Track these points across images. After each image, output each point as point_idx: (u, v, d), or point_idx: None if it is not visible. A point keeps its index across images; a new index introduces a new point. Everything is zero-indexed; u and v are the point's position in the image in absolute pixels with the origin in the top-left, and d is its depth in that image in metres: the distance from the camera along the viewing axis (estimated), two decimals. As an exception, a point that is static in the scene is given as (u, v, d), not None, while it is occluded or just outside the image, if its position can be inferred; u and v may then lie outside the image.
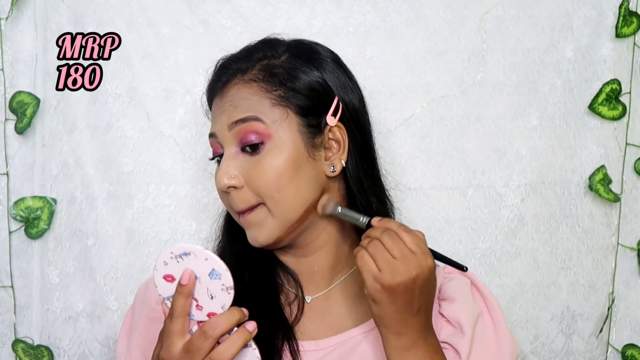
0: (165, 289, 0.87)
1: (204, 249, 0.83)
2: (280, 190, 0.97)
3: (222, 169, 0.99)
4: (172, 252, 0.84)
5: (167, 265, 0.85)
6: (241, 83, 1.01)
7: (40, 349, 1.35)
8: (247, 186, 0.98)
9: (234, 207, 1.00)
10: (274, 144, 0.97)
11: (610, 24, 1.37)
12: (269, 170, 0.96)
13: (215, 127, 1.02)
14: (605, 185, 1.37)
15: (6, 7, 1.34)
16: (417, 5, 1.37)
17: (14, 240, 1.36)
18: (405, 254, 0.86)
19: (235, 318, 0.85)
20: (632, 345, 1.39)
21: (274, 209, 0.97)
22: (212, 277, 0.84)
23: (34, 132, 1.36)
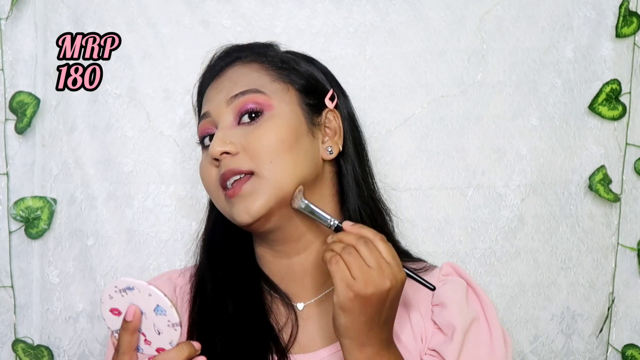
0: (113, 322, 0.85)
1: (148, 284, 0.81)
2: (280, 156, 0.95)
3: (217, 136, 0.96)
4: (116, 286, 0.82)
5: (112, 299, 0.83)
6: (240, 64, 1.02)
7: (40, 349, 1.35)
8: (244, 151, 0.95)
9: (224, 172, 0.96)
10: (275, 112, 0.97)
11: (610, 24, 1.37)
12: (270, 133, 0.95)
13: (210, 106, 1.01)
14: (605, 185, 1.37)
15: (6, 7, 1.34)
16: (417, 5, 1.37)
17: (14, 240, 1.36)
18: (381, 264, 0.84)
19: (184, 354, 0.83)
20: (632, 345, 1.39)
21: (271, 176, 0.95)
22: (158, 313, 0.82)
23: (34, 132, 1.36)
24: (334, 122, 1.03)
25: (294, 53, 1.08)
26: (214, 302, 1.00)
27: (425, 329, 0.99)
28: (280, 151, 0.95)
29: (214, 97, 1.01)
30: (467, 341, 0.97)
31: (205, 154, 1.02)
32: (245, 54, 1.04)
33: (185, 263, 1.32)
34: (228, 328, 0.96)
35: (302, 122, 0.99)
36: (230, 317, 0.97)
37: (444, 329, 0.98)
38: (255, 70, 1.01)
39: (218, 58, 1.07)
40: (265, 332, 0.97)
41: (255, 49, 1.06)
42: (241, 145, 0.96)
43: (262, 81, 1.00)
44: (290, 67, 1.03)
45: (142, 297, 0.82)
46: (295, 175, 0.96)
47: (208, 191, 1.02)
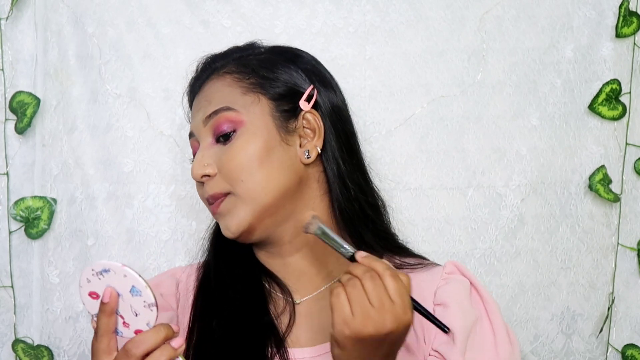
0: (92, 306, 0.85)
1: (122, 266, 0.81)
2: (251, 173, 0.96)
3: (196, 159, 1.00)
4: (92, 269, 0.83)
5: (90, 282, 0.84)
6: (215, 78, 1.03)
7: (40, 349, 1.35)
8: (220, 173, 0.98)
9: (205, 196, 1.00)
10: (245, 129, 0.98)
11: (610, 24, 1.37)
12: (239, 153, 0.97)
13: (193, 126, 1.03)
14: (605, 185, 1.37)
15: (6, 7, 1.34)
16: (417, 5, 1.37)
17: (14, 240, 1.36)
18: (384, 303, 0.79)
19: (161, 335, 0.82)
20: (632, 345, 1.39)
21: (244, 194, 0.96)
22: (133, 294, 0.82)
23: (34, 132, 1.36)
24: (313, 123, 1.01)
25: (275, 51, 1.07)
26: (216, 288, 1.02)
27: (427, 329, 0.99)
28: (251, 168, 0.97)
29: (195, 116, 1.03)
30: (470, 342, 0.96)
31: None
32: (221, 63, 1.05)
33: (185, 263, 1.33)
34: (227, 313, 0.97)
35: (274, 132, 0.99)
36: (230, 301, 0.98)
37: None
38: (227, 85, 1.01)
39: (195, 77, 1.08)
40: (264, 317, 0.98)
41: (232, 56, 1.06)
42: (217, 166, 0.99)
43: (233, 96, 1.00)
44: (261, 75, 1.02)
45: (118, 278, 0.82)
46: (271, 187, 0.97)
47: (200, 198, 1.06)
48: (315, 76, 1.05)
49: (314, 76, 1.05)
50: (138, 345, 0.81)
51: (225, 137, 0.98)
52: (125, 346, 0.81)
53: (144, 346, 0.81)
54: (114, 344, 0.84)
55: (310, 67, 1.05)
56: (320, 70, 1.07)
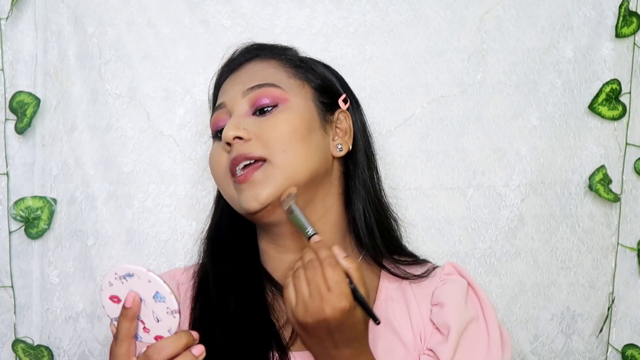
0: (113, 309, 0.85)
1: (147, 271, 0.81)
2: (292, 145, 0.96)
3: (231, 122, 0.97)
4: (116, 273, 0.82)
5: (112, 286, 0.83)
6: (259, 60, 1.04)
7: (40, 349, 1.35)
8: (257, 139, 0.96)
9: (235, 157, 0.96)
10: (289, 105, 0.99)
11: (610, 24, 1.37)
12: (283, 124, 0.97)
13: (226, 97, 1.02)
14: (605, 185, 1.37)
15: (6, 7, 1.34)
16: (417, 5, 1.37)
17: (14, 240, 1.36)
18: (321, 292, 0.83)
19: (182, 342, 0.82)
20: (632, 345, 1.39)
21: (283, 164, 0.95)
22: (157, 299, 0.82)
23: (34, 132, 1.36)
24: (344, 123, 1.05)
25: (312, 58, 1.11)
26: (216, 298, 1.00)
27: (424, 329, 1.00)
28: (293, 141, 0.96)
29: (231, 89, 1.02)
30: (463, 341, 0.97)
31: (216, 144, 1.03)
32: (265, 52, 1.07)
33: (185, 263, 1.32)
34: (229, 324, 0.96)
35: (315, 116, 1.01)
36: (232, 313, 0.97)
37: (441, 329, 0.98)
38: (273, 67, 1.03)
39: (239, 53, 1.08)
40: (267, 328, 0.97)
41: (275, 49, 1.08)
42: (254, 133, 0.97)
43: (279, 77, 1.02)
44: (307, 67, 1.06)
45: (142, 283, 0.81)
46: (307, 166, 0.97)
47: (216, 179, 1.03)
48: (347, 89, 1.10)
49: (346, 89, 1.10)
50: (159, 352, 0.81)
51: (263, 111, 0.98)
52: (147, 352, 0.82)
53: (165, 352, 0.81)
54: (134, 348, 0.84)
55: (343, 80, 1.10)
56: (350, 88, 1.11)
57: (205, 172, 1.34)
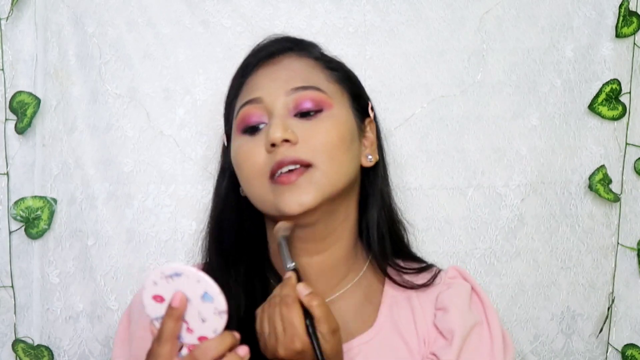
0: (154, 309, 0.83)
1: (197, 270, 0.80)
2: (339, 154, 0.96)
3: (276, 123, 0.95)
4: (162, 272, 0.80)
5: (156, 285, 0.81)
6: (296, 56, 1.02)
7: (40, 349, 1.35)
8: (305, 143, 0.95)
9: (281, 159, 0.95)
10: (333, 112, 0.98)
11: (610, 24, 1.37)
12: (333, 131, 0.96)
13: (264, 93, 0.98)
14: (605, 185, 1.37)
15: (6, 7, 1.34)
16: (417, 5, 1.37)
17: (14, 240, 1.36)
18: (276, 331, 0.85)
19: (227, 343, 0.81)
20: (632, 345, 1.39)
21: (329, 171, 0.95)
22: (205, 300, 0.80)
23: (34, 132, 1.36)
24: (370, 133, 1.05)
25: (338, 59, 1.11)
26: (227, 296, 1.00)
27: (428, 333, 1.00)
28: (340, 149, 0.96)
29: (269, 85, 0.99)
30: (466, 346, 0.97)
31: (247, 140, 0.99)
32: (299, 46, 1.05)
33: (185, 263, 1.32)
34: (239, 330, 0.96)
35: (355, 126, 1.01)
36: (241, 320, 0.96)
37: (445, 334, 0.98)
38: (311, 67, 1.02)
39: (270, 43, 1.05)
40: None
41: (304, 44, 1.07)
42: (300, 136, 0.95)
43: (319, 79, 1.01)
44: (342, 71, 1.05)
45: (190, 283, 0.80)
46: (347, 175, 0.98)
47: (246, 176, 1.00)
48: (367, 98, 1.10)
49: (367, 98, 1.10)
50: (206, 353, 0.80)
51: (305, 114, 0.97)
52: (193, 353, 0.81)
53: (211, 353, 0.80)
54: (176, 349, 0.83)
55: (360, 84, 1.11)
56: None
57: (206, 172, 1.34)
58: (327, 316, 0.85)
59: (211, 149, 1.32)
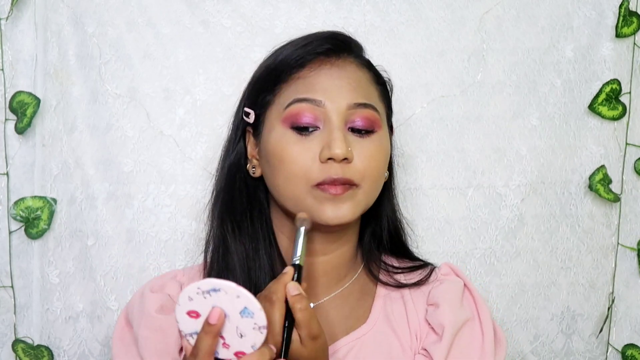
0: (188, 325, 0.81)
1: (237, 285, 0.78)
2: (379, 177, 1.00)
3: (340, 138, 0.95)
4: (199, 288, 0.78)
5: (191, 300, 0.79)
6: (356, 64, 1.02)
7: (40, 349, 1.35)
8: (357, 164, 0.97)
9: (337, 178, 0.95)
10: (381, 135, 1.00)
11: (610, 24, 1.37)
12: (379, 156, 0.99)
13: (325, 96, 0.97)
14: (605, 185, 1.37)
15: (6, 7, 1.34)
16: (417, 5, 1.37)
17: (14, 240, 1.36)
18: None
19: (265, 358, 0.80)
20: (632, 345, 1.39)
21: (370, 192, 0.99)
22: (244, 315, 0.78)
23: (34, 132, 1.36)
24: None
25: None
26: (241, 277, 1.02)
27: (420, 328, 1.02)
28: (381, 173, 1.00)
29: (333, 91, 0.97)
30: (457, 341, 0.98)
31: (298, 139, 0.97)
32: (356, 50, 1.05)
33: (185, 263, 1.33)
34: None
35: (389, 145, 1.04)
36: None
37: (436, 329, 0.99)
38: (369, 82, 1.03)
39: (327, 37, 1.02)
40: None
41: (359, 48, 1.07)
42: (354, 154, 0.97)
43: (374, 97, 1.02)
44: (385, 85, 1.06)
45: (229, 299, 0.78)
46: (378, 192, 1.02)
47: (288, 175, 0.98)
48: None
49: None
50: None
51: (359, 131, 0.98)
52: None
53: None
54: None
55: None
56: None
57: (205, 172, 1.34)
58: (309, 321, 0.85)
59: (211, 149, 1.32)
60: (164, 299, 1.05)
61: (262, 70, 1.05)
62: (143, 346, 1.02)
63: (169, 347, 1.00)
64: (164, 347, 1.00)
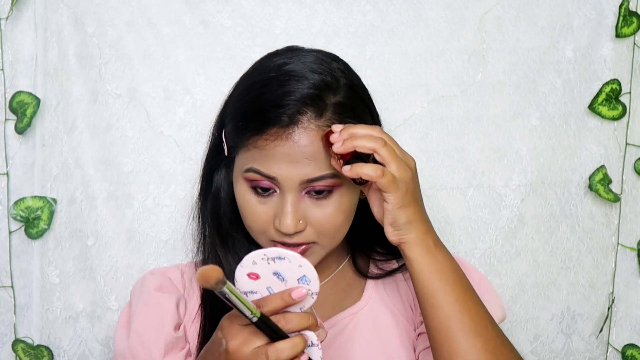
0: (245, 284, 0.85)
1: (301, 257, 0.83)
2: (342, 229, 1.00)
3: (292, 213, 0.95)
4: (265, 254, 0.83)
5: (255, 264, 0.84)
6: (316, 132, 0.94)
7: (40, 349, 1.35)
8: (311, 226, 0.97)
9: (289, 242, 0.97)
10: (342, 191, 0.98)
11: (610, 24, 1.37)
12: (337, 215, 0.98)
13: (279, 174, 0.95)
14: (605, 185, 1.37)
15: (6, 7, 1.34)
16: (417, 5, 1.37)
17: (14, 240, 1.36)
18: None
19: (308, 321, 0.83)
20: (632, 345, 1.39)
21: (329, 245, 1.00)
22: (301, 282, 0.84)
23: (34, 132, 1.36)
24: None
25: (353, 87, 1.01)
26: None
27: (414, 300, 1.07)
28: (343, 226, 1.00)
29: (285, 165, 0.94)
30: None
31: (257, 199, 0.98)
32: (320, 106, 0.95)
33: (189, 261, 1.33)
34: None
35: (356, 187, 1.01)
36: None
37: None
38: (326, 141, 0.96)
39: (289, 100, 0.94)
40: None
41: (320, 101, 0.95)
42: (308, 220, 0.97)
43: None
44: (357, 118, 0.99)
45: (291, 267, 0.83)
46: (344, 235, 1.02)
47: (249, 226, 1.01)
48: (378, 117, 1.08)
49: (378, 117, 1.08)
50: (289, 322, 0.82)
51: (319, 192, 0.97)
52: (276, 317, 0.82)
53: (291, 324, 0.82)
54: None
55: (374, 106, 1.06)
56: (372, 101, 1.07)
57: (205, 172, 1.34)
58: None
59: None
60: (164, 280, 1.10)
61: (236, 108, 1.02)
62: (139, 321, 1.04)
63: (165, 323, 1.03)
64: (160, 322, 1.03)
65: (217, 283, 0.76)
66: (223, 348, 0.82)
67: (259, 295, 0.85)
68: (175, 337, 1.04)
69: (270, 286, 0.85)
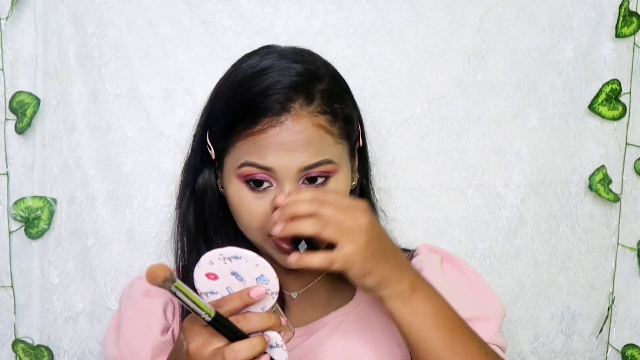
0: (205, 285, 0.85)
1: (257, 255, 0.83)
2: None
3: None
4: (221, 254, 0.83)
5: (212, 264, 0.84)
6: (308, 118, 0.95)
7: (40, 349, 1.35)
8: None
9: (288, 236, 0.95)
10: (337, 177, 0.99)
11: (610, 24, 1.37)
12: None
13: (275, 164, 0.95)
14: (605, 185, 1.37)
15: (6, 7, 1.34)
16: (417, 5, 1.37)
17: (14, 240, 1.36)
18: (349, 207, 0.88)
19: (270, 321, 0.82)
20: (632, 345, 1.39)
21: None
22: (260, 281, 0.83)
23: (34, 132, 1.36)
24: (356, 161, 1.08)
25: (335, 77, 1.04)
26: None
27: None
28: None
29: (282, 156, 0.95)
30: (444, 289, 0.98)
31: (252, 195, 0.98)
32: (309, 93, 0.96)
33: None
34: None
35: (351, 174, 1.03)
36: None
37: None
38: (323, 133, 0.97)
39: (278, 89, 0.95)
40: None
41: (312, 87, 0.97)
42: None
43: (329, 147, 0.97)
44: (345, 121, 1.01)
45: (248, 266, 0.83)
46: None
47: (246, 226, 1.01)
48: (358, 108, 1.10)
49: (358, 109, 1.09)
50: (249, 322, 0.82)
51: (314, 179, 0.97)
52: (237, 317, 0.82)
53: (253, 324, 0.82)
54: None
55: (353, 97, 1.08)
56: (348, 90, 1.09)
57: (205, 172, 1.34)
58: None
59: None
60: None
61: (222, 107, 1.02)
62: (127, 326, 1.06)
63: (152, 328, 1.04)
64: (146, 327, 1.04)
65: (165, 281, 0.74)
66: (184, 349, 0.82)
67: (219, 296, 0.84)
68: (162, 341, 1.04)
69: (230, 286, 0.84)
